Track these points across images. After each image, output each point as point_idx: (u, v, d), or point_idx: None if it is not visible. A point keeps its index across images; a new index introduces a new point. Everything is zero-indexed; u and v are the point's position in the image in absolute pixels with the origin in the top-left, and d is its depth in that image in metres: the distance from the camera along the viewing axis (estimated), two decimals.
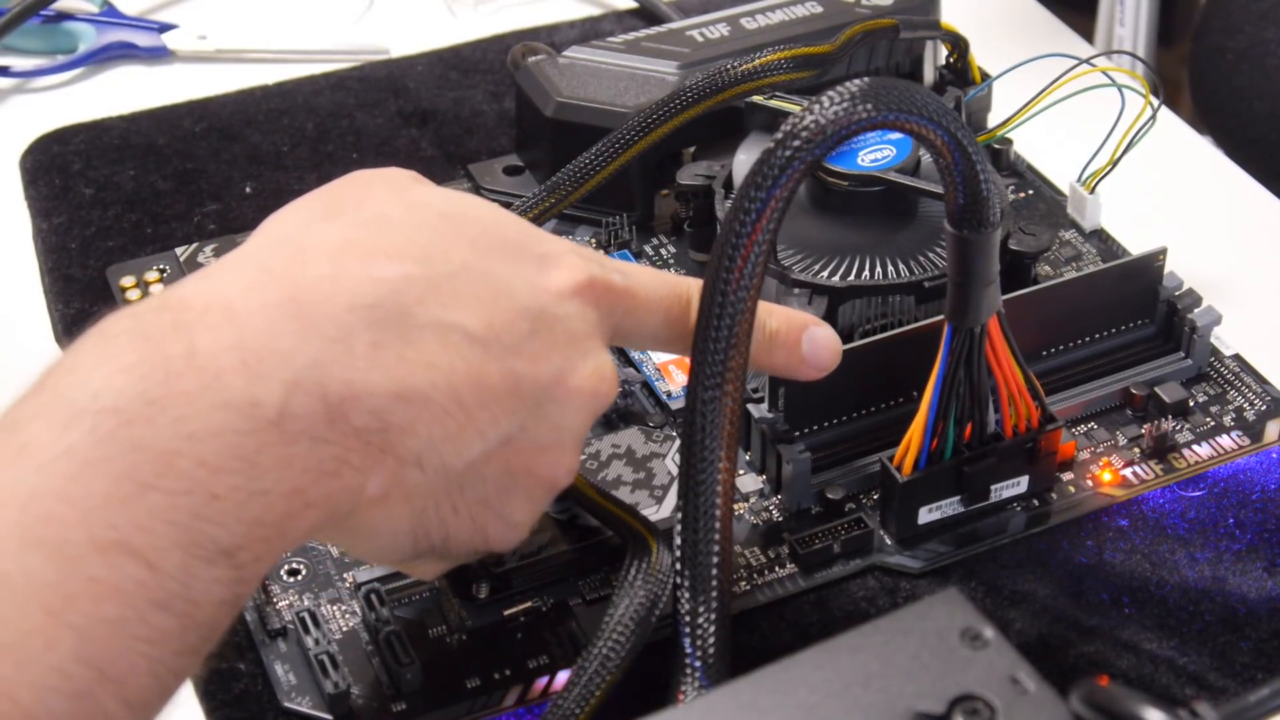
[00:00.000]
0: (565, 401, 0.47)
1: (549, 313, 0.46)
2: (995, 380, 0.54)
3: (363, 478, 0.43)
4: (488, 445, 0.45)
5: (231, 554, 0.40)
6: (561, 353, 0.47)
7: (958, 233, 0.50)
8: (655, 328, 0.50)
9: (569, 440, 0.48)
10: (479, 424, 0.45)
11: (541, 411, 0.46)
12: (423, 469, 0.44)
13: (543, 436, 0.47)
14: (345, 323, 0.43)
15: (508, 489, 0.47)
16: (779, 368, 0.53)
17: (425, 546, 0.47)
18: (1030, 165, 0.74)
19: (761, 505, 0.58)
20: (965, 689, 0.37)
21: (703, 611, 0.48)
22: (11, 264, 0.72)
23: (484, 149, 0.77)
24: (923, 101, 0.47)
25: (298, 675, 0.52)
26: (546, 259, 0.47)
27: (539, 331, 0.46)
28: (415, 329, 0.44)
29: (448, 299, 0.45)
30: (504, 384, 0.45)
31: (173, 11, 0.88)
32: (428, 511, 0.46)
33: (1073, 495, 0.58)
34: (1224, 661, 0.53)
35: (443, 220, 0.47)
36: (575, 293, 0.47)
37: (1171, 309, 0.62)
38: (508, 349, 0.45)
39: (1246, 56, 0.99)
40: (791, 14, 0.73)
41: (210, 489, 0.40)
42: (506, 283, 0.46)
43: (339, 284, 0.43)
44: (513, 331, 0.45)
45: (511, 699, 0.52)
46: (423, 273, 0.45)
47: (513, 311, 0.46)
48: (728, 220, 0.47)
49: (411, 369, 0.43)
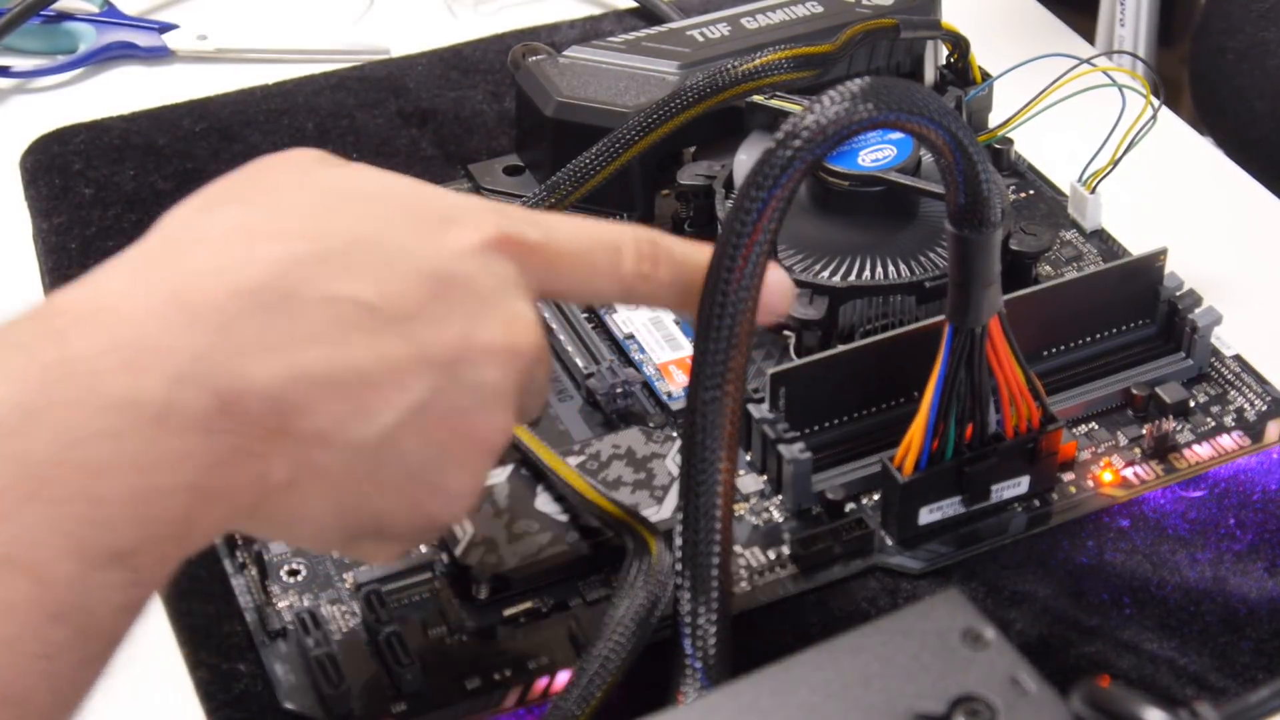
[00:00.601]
0: (479, 360, 0.44)
1: (450, 271, 0.44)
2: (996, 380, 0.54)
3: (264, 464, 0.42)
4: (399, 415, 0.43)
5: (126, 557, 0.39)
6: (467, 311, 0.44)
7: (959, 233, 0.50)
8: (584, 278, 0.48)
9: (493, 399, 0.45)
10: (385, 394, 0.43)
11: (455, 373, 0.44)
12: (329, 447, 0.42)
13: (461, 399, 0.44)
14: (228, 311, 0.41)
15: (436, 459, 0.45)
16: None
17: (357, 528, 0.45)
18: (1031, 165, 0.73)
19: (762, 505, 0.58)
20: (966, 689, 0.37)
21: (703, 612, 0.47)
22: (11, 264, 0.72)
23: (484, 149, 0.77)
24: (923, 101, 0.47)
25: (297, 676, 0.52)
26: (448, 219, 0.46)
27: (440, 293, 0.44)
28: (303, 307, 0.42)
29: (337, 272, 0.43)
30: (407, 351, 0.43)
31: (173, 11, 0.88)
32: (348, 491, 0.44)
33: (1073, 495, 0.58)
34: (1224, 662, 0.53)
35: (334, 196, 0.45)
36: (480, 249, 0.45)
37: (1172, 309, 0.62)
38: (407, 315, 0.43)
39: (1246, 56, 0.99)
40: (792, 14, 0.73)
41: (97, 493, 0.39)
42: (401, 248, 0.44)
43: (220, 272, 0.42)
44: (411, 296, 0.44)
45: (511, 699, 0.52)
46: (309, 249, 0.43)
47: (410, 276, 0.44)
48: (728, 220, 0.47)
49: (303, 348, 0.42)
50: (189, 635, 0.54)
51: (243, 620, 0.54)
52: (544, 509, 0.57)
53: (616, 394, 0.61)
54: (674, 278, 0.49)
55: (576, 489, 0.55)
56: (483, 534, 0.56)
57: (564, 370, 0.64)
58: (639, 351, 0.64)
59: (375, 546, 0.48)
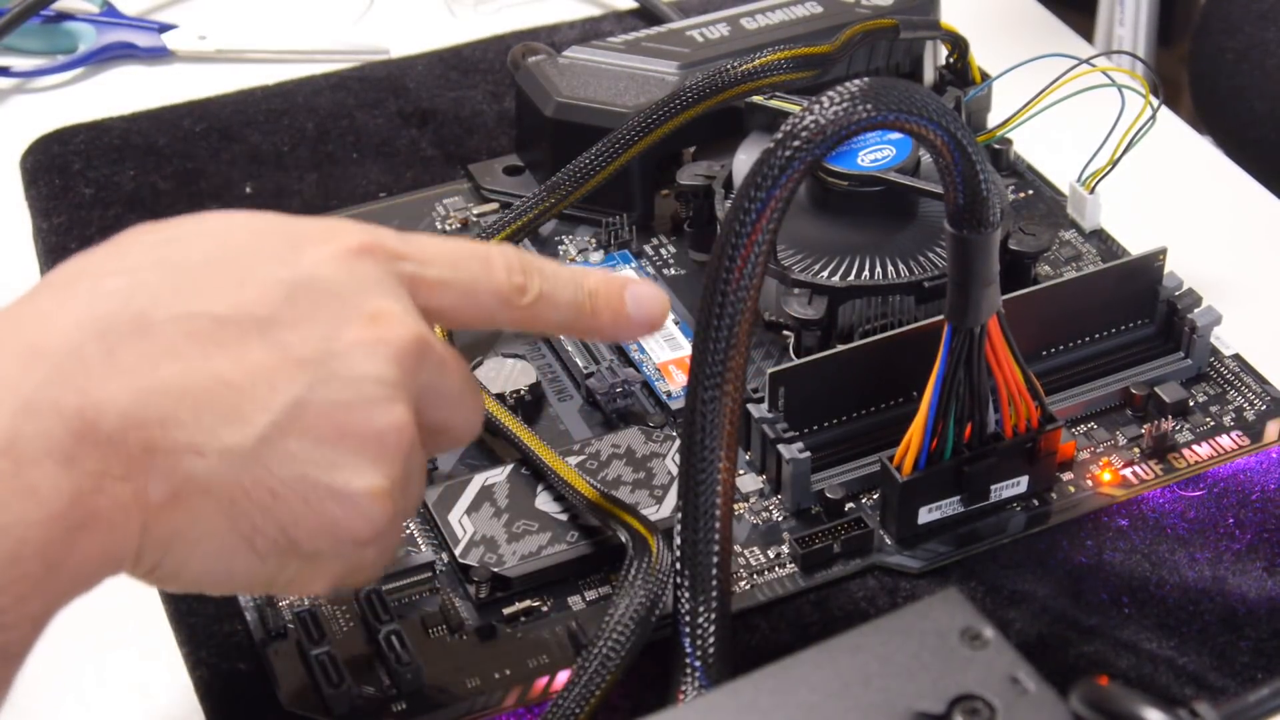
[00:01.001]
0: (349, 354, 0.43)
1: (305, 276, 0.44)
2: (995, 380, 0.54)
3: (135, 485, 0.40)
4: (274, 415, 0.42)
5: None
6: (329, 310, 0.43)
7: (958, 233, 0.51)
8: (460, 291, 0.47)
9: (374, 390, 0.43)
10: (253, 396, 0.42)
11: (328, 369, 0.43)
12: (203, 456, 0.41)
13: (338, 393, 0.43)
14: (74, 339, 0.40)
15: (326, 457, 0.43)
16: (606, 328, 0.50)
17: (266, 545, 0.43)
18: (1030, 165, 0.74)
19: (761, 505, 0.58)
20: (965, 689, 0.37)
21: (703, 611, 0.48)
22: (11, 264, 0.72)
23: (484, 149, 0.77)
24: (923, 101, 0.47)
25: (298, 675, 0.52)
26: (303, 237, 0.45)
27: (297, 297, 0.43)
28: (153, 327, 0.41)
29: (187, 293, 0.42)
30: (269, 353, 0.42)
31: (173, 11, 0.88)
32: (240, 502, 0.42)
33: (1072, 495, 0.58)
34: (1224, 661, 0.53)
35: (186, 230, 0.44)
36: (339, 257, 0.44)
37: (1171, 309, 0.62)
38: (264, 320, 0.42)
39: (1246, 56, 0.99)
40: (791, 14, 0.73)
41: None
42: (253, 265, 0.43)
43: (64, 306, 0.41)
44: (265, 303, 0.43)
45: (511, 699, 0.52)
46: (156, 277, 0.42)
47: (263, 286, 0.43)
48: (728, 220, 0.47)
49: (155, 363, 0.41)
50: (189, 635, 0.54)
51: (243, 620, 0.54)
52: (544, 509, 0.57)
53: (616, 394, 0.61)
54: (547, 290, 0.48)
55: (576, 489, 0.55)
56: (483, 534, 0.56)
57: (564, 370, 0.64)
58: (638, 351, 0.64)
59: (298, 569, 0.44)
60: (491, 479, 0.57)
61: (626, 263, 0.68)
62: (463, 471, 0.59)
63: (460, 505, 0.57)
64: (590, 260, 0.69)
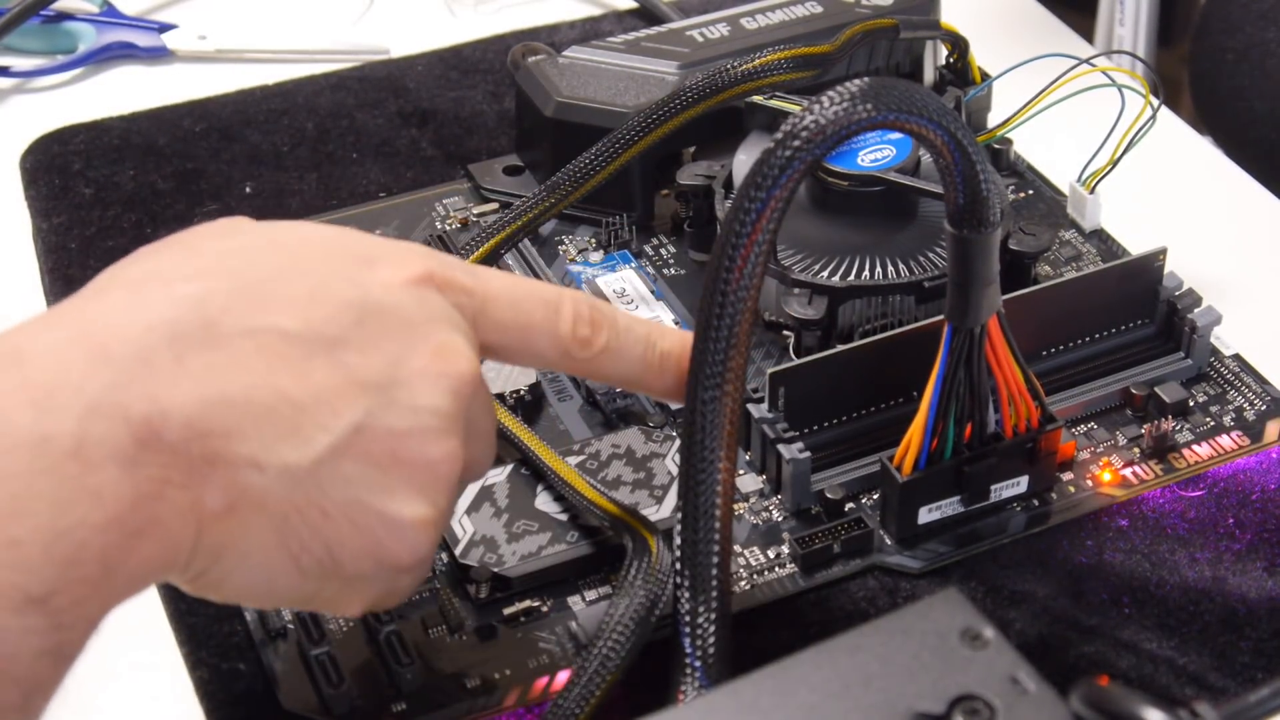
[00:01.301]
0: (412, 384, 0.44)
1: (376, 301, 0.44)
2: (995, 380, 0.54)
3: (193, 494, 0.40)
4: (334, 438, 0.42)
5: (44, 601, 0.38)
6: (396, 338, 0.44)
7: (958, 233, 0.50)
8: (520, 332, 0.48)
9: (432, 421, 0.44)
10: (317, 417, 0.42)
11: (389, 397, 0.43)
12: (262, 471, 0.41)
13: (398, 421, 0.43)
14: (144, 343, 0.40)
15: (380, 482, 0.44)
16: (671, 392, 0.51)
17: (311, 564, 0.43)
18: (1030, 165, 0.74)
19: (761, 505, 0.58)
20: (965, 689, 0.37)
21: (703, 611, 0.48)
22: (11, 264, 0.72)
23: (484, 149, 0.77)
24: (923, 101, 0.47)
25: (298, 676, 0.52)
26: (377, 258, 0.45)
27: (366, 320, 0.44)
28: (223, 337, 0.41)
29: (257, 306, 0.42)
30: (335, 374, 0.43)
31: (173, 11, 0.88)
32: (291, 519, 0.42)
33: (1073, 495, 0.58)
34: (1224, 661, 0.53)
35: (260, 244, 0.45)
36: (408, 283, 0.45)
37: (1171, 309, 0.62)
38: (332, 341, 0.43)
39: (1246, 56, 0.99)
40: (791, 14, 0.73)
41: (9, 535, 0.38)
42: (324, 282, 0.44)
43: (134, 310, 0.41)
44: (335, 324, 0.43)
45: (511, 699, 0.52)
46: (228, 286, 0.42)
47: (333, 305, 0.43)
48: (728, 220, 0.47)
49: (223, 374, 0.41)
50: (189, 635, 0.54)
51: (243, 620, 0.54)
52: (544, 509, 0.57)
53: (616, 393, 0.61)
54: (614, 346, 0.49)
55: (576, 489, 0.55)
56: (483, 534, 0.56)
57: None
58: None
59: (338, 590, 0.45)
60: (491, 479, 0.57)
61: (626, 263, 0.68)
62: None
63: (460, 505, 0.57)
64: (590, 260, 0.69)
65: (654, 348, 0.50)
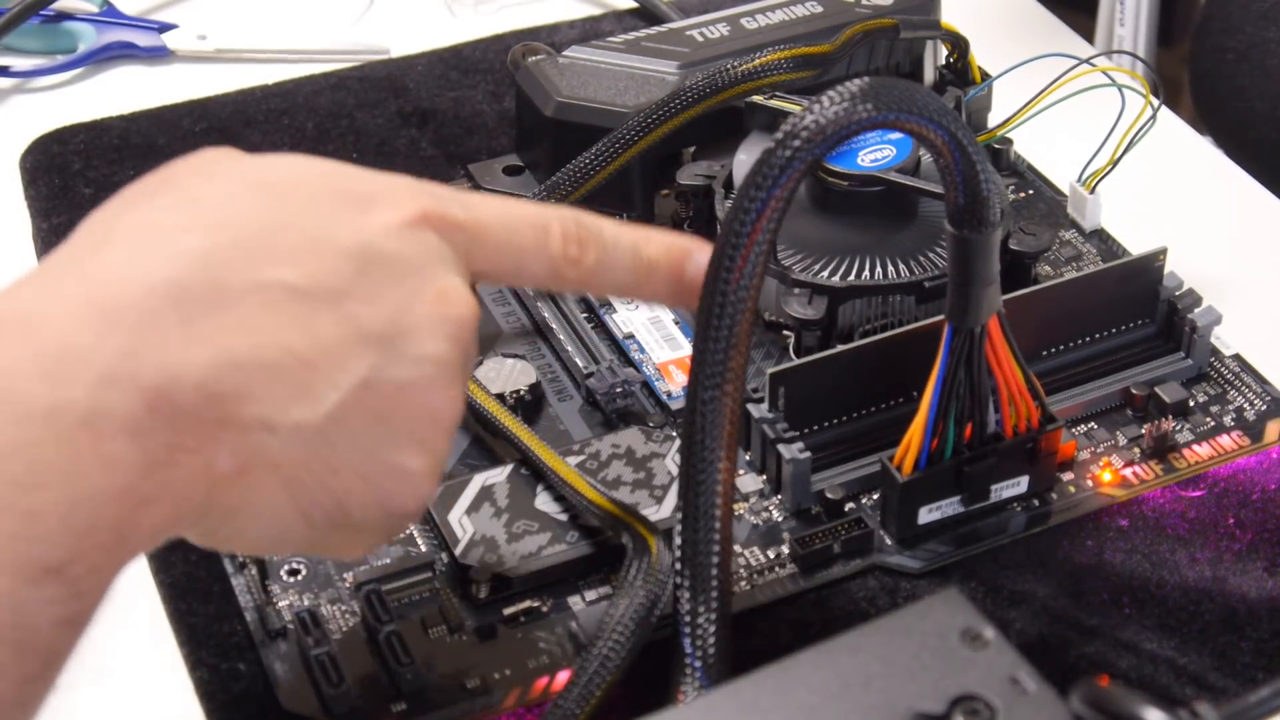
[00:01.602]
0: (416, 332, 0.44)
1: (376, 248, 0.44)
2: (995, 380, 0.54)
3: (205, 458, 0.41)
4: (342, 393, 0.42)
5: (61, 570, 0.38)
6: (398, 285, 0.44)
7: (958, 233, 0.50)
8: (512, 256, 0.48)
9: (436, 371, 0.44)
10: (325, 373, 0.42)
11: (394, 347, 0.43)
12: (274, 432, 0.42)
13: (403, 372, 0.44)
14: (149, 306, 0.40)
15: (388, 435, 0.44)
16: (665, 298, 0.51)
17: (321, 517, 0.44)
18: (1030, 165, 0.74)
19: (761, 505, 0.58)
20: (965, 689, 0.37)
21: (703, 611, 0.48)
22: (11, 264, 0.72)
23: (484, 149, 0.77)
24: (923, 101, 0.47)
25: (298, 675, 0.52)
26: (371, 198, 0.45)
27: (368, 270, 0.43)
28: (228, 296, 0.41)
29: (260, 259, 0.42)
30: (341, 329, 0.43)
31: (173, 11, 0.88)
32: (301, 477, 0.43)
33: (1073, 495, 0.58)
34: (1224, 661, 0.53)
35: (246, 185, 0.44)
36: (405, 225, 0.45)
37: (1171, 309, 0.62)
38: (337, 293, 0.43)
39: (1246, 56, 0.99)
40: (791, 14, 0.73)
41: (26, 507, 0.38)
42: (324, 229, 0.43)
43: (136, 268, 0.41)
44: (338, 275, 0.43)
45: (511, 699, 0.52)
46: (229, 238, 0.42)
47: (335, 255, 0.43)
48: (728, 220, 0.47)
49: (231, 335, 0.41)
50: (189, 635, 0.54)
51: (243, 620, 0.54)
52: (544, 509, 0.57)
53: (616, 394, 0.61)
54: (604, 260, 0.49)
55: (576, 489, 0.55)
56: (483, 534, 0.56)
57: (564, 370, 0.64)
58: (638, 351, 0.64)
59: (344, 538, 0.46)
60: (491, 479, 0.57)
61: None
62: (463, 471, 0.59)
63: (460, 505, 0.57)
64: None
65: (640, 257, 0.50)
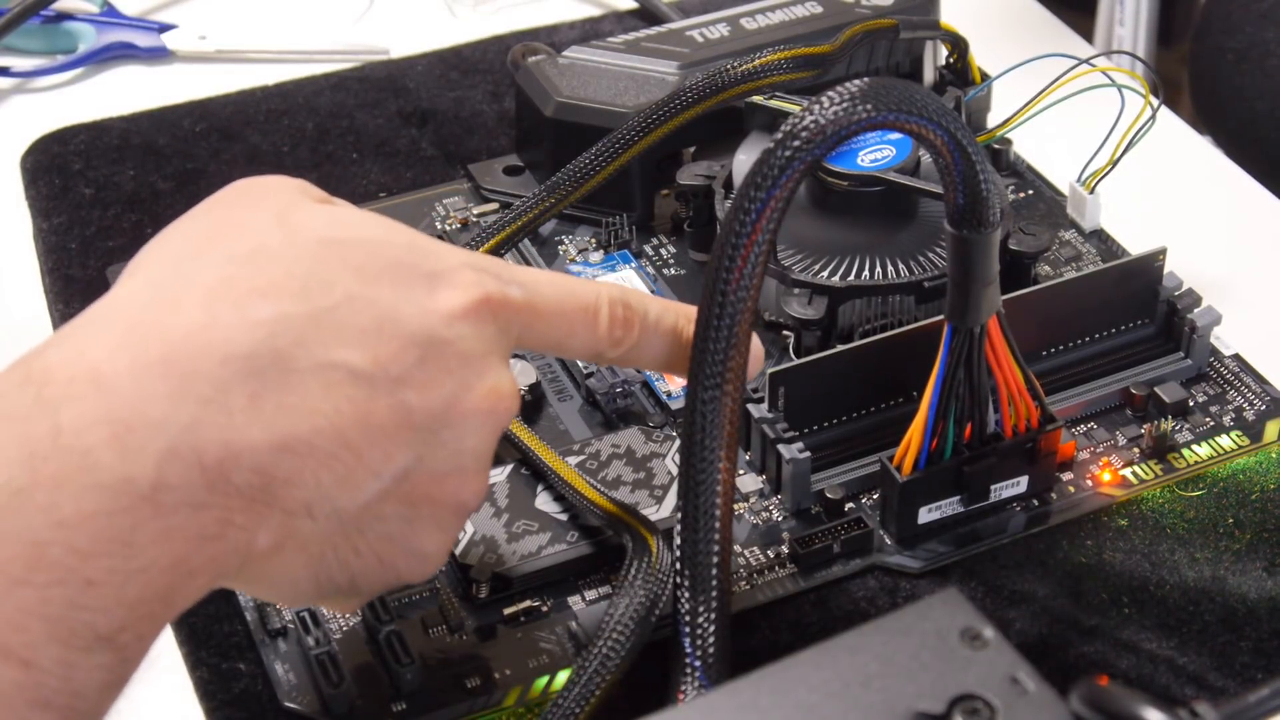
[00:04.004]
0: (461, 425, 0.45)
1: (439, 337, 0.44)
2: (995, 380, 0.54)
3: (250, 534, 0.41)
4: (383, 484, 0.44)
5: (113, 638, 0.39)
6: (454, 377, 0.44)
7: (958, 233, 0.50)
8: (559, 339, 0.49)
9: (471, 463, 0.46)
10: (371, 464, 0.43)
11: (437, 439, 0.44)
12: (314, 518, 0.43)
13: (441, 464, 0.45)
14: (220, 378, 0.41)
15: (412, 522, 0.45)
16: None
17: (330, 589, 0.46)
18: (1030, 165, 0.74)
19: (761, 505, 0.58)
20: (965, 689, 0.37)
21: (703, 611, 0.48)
22: (11, 264, 0.72)
23: (484, 149, 0.77)
24: (922, 101, 0.47)
25: (298, 675, 0.52)
26: (437, 277, 0.45)
27: (429, 358, 0.44)
28: (295, 374, 0.42)
29: (329, 336, 0.42)
30: (394, 418, 0.43)
31: (173, 11, 0.88)
32: (326, 557, 0.44)
33: (1072, 495, 0.58)
34: (1224, 661, 0.53)
35: (323, 246, 0.44)
36: (468, 312, 0.45)
37: (1171, 309, 0.62)
38: (396, 381, 0.43)
39: (1246, 56, 0.99)
40: (791, 14, 0.73)
41: (85, 576, 0.38)
42: (392, 309, 0.44)
43: (212, 334, 0.41)
44: (400, 362, 0.43)
45: (512, 699, 0.52)
46: (301, 310, 0.42)
47: (400, 340, 0.43)
48: (728, 220, 0.47)
49: (292, 418, 0.41)
50: (189, 635, 0.54)
51: (243, 620, 0.54)
52: (544, 509, 0.57)
53: (616, 393, 0.61)
54: (644, 341, 0.50)
55: (576, 489, 0.55)
56: (483, 534, 0.56)
57: (564, 370, 0.64)
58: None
59: (343, 601, 0.49)
60: (492, 479, 0.57)
61: (626, 263, 0.68)
62: None
63: None
64: (590, 260, 0.69)
65: (679, 340, 0.51)
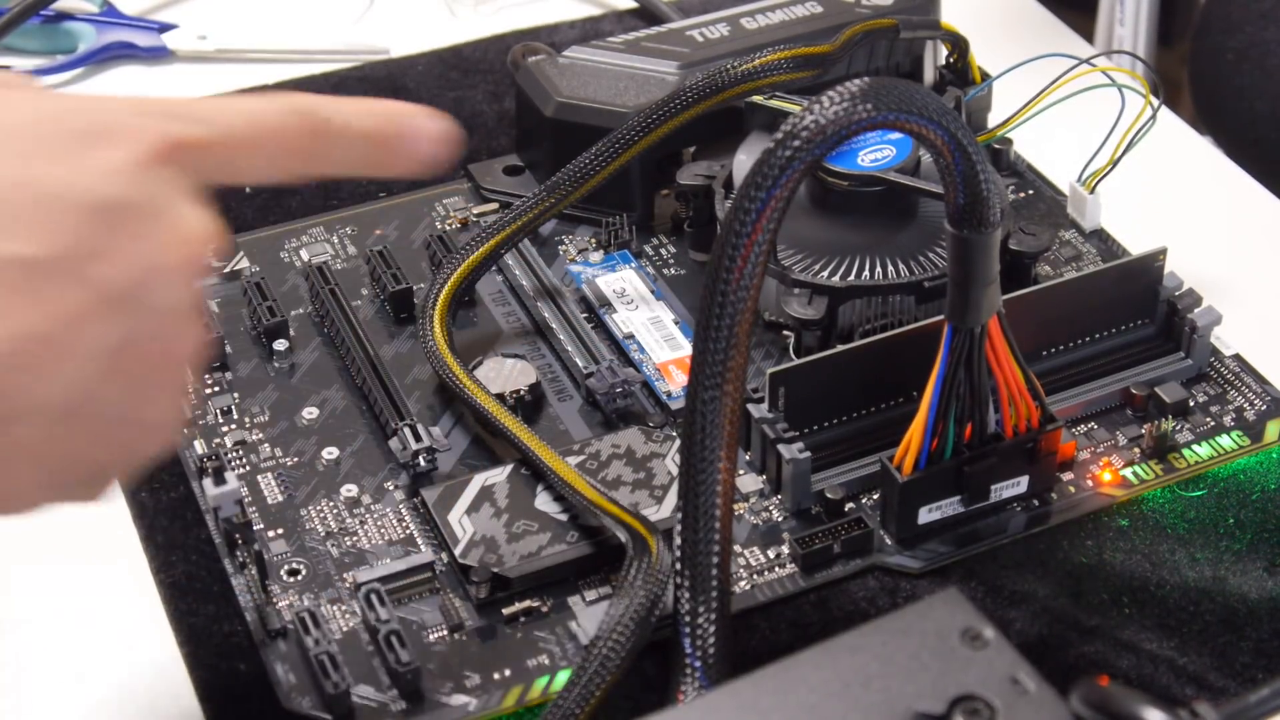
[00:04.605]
0: (161, 284, 0.42)
1: (110, 200, 0.41)
2: (995, 380, 0.54)
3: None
4: (94, 367, 0.41)
5: None
6: (146, 236, 0.41)
7: (958, 233, 0.51)
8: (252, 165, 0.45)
9: (181, 319, 0.43)
10: (75, 352, 0.40)
11: (141, 306, 0.41)
12: (21, 421, 0.40)
13: (151, 329, 0.42)
14: None
15: (137, 395, 0.42)
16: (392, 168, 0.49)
17: (70, 485, 0.43)
18: (1030, 165, 0.74)
19: (761, 505, 0.58)
20: (965, 689, 0.37)
21: (703, 611, 0.48)
22: None
23: (484, 149, 0.77)
24: (923, 101, 0.47)
25: (298, 675, 0.52)
26: (95, 137, 0.42)
27: (113, 225, 0.41)
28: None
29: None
30: (86, 298, 0.40)
31: (173, 11, 0.88)
32: (55, 456, 0.41)
33: (1073, 495, 0.58)
34: (1224, 661, 0.53)
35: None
36: (138, 164, 0.42)
37: (1171, 309, 0.62)
38: (83, 259, 0.40)
39: (1246, 56, 0.99)
40: (791, 14, 0.73)
41: None
42: (54, 185, 0.40)
43: None
44: (76, 238, 0.40)
45: (512, 699, 0.52)
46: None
47: (69, 216, 0.40)
48: (728, 220, 0.47)
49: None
50: (189, 635, 0.54)
51: (243, 620, 0.54)
52: (544, 509, 0.57)
53: (616, 394, 0.61)
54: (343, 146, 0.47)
55: (576, 489, 0.55)
56: (483, 534, 0.56)
57: (564, 370, 0.64)
58: (638, 351, 0.64)
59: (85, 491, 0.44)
60: (491, 479, 0.57)
61: (626, 263, 0.68)
62: (463, 471, 0.59)
63: (460, 505, 0.57)
64: (590, 260, 0.69)
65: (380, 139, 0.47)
